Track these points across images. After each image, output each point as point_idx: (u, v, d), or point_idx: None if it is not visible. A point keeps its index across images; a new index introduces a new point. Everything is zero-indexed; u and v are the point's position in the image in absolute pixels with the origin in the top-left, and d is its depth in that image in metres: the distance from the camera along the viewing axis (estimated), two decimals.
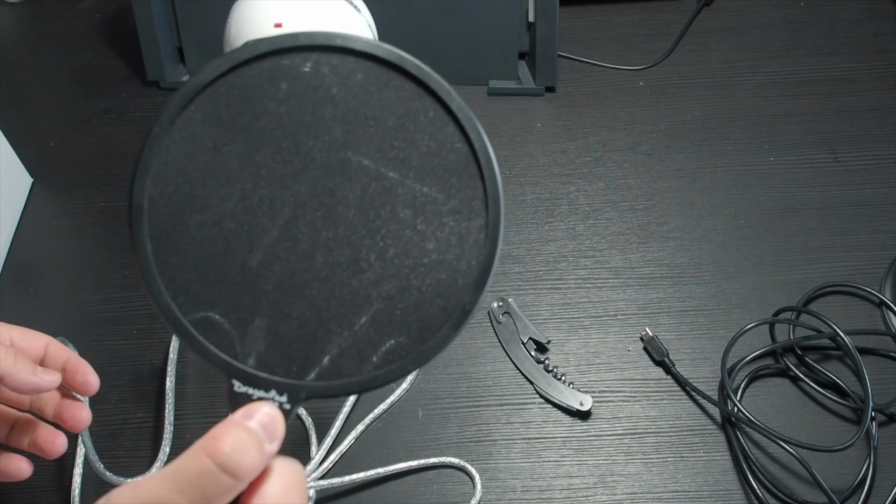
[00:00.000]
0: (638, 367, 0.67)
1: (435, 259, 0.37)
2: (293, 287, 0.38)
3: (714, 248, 0.73)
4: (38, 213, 0.78)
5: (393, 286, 0.37)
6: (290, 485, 0.36)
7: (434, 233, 0.37)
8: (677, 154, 0.79)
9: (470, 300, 0.37)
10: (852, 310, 0.69)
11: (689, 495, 0.61)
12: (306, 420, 0.64)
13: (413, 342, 0.37)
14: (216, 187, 0.37)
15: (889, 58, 0.85)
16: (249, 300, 0.37)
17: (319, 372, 0.38)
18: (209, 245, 0.37)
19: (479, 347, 0.68)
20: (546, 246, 0.74)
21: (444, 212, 0.37)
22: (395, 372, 0.37)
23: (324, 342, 0.38)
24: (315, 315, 0.38)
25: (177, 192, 0.37)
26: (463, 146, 0.37)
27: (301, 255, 0.37)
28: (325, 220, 0.37)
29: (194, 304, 0.37)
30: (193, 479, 0.33)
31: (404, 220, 0.37)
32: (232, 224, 0.37)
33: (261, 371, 0.37)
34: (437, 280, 0.37)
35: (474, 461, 0.62)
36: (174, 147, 0.37)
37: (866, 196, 0.75)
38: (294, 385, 0.37)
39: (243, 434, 0.34)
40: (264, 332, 0.38)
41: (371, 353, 0.37)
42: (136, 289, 0.72)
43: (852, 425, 0.63)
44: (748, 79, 0.84)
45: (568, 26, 0.89)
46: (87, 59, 0.90)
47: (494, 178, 0.37)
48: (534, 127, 0.82)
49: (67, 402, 0.53)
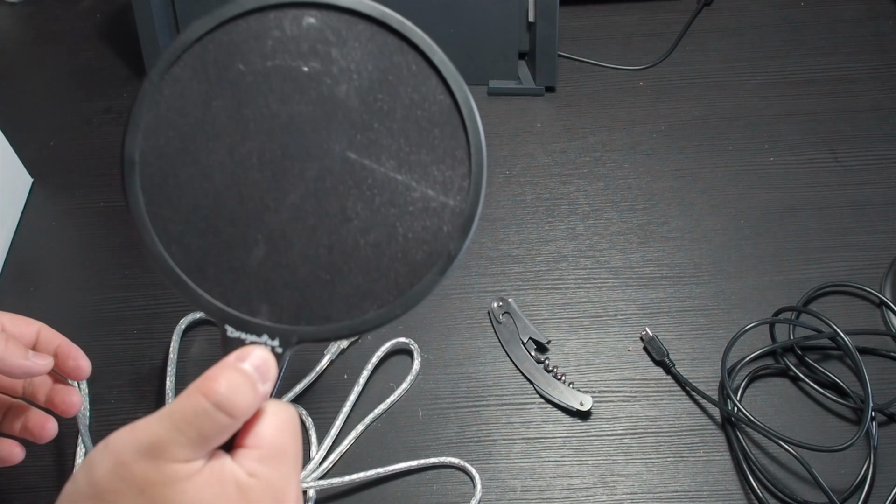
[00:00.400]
0: (638, 367, 0.67)
1: (420, 207, 0.38)
2: (283, 235, 0.39)
3: (714, 248, 0.73)
4: (38, 213, 0.78)
5: (380, 234, 0.38)
6: (283, 425, 0.37)
7: (419, 182, 0.38)
8: (677, 154, 0.79)
9: (455, 246, 0.38)
10: (852, 310, 0.69)
11: (689, 495, 0.61)
12: (306, 420, 0.64)
13: (400, 287, 0.39)
14: (205, 141, 0.38)
15: (889, 58, 0.85)
16: (241, 249, 0.38)
17: (310, 317, 0.39)
18: (200, 196, 0.38)
19: (479, 347, 0.68)
20: (546, 246, 0.74)
21: (428, 161, 0.38)
22: (383, 316, 0.39)
23: (314, 288, 0.39)
24: (305, 262, 0.39)
25: (167, 146, 0.38)
26: (446, 98, 0.38)
27: (290, 206, 0.38)
28: (312, 171, 0.38)
29: (187, 254, 0.38)
30: (190, 418, 0.34)
31: (390, 169, 0.38)
32: (221, 176, 0.38)
33: (252, 316, 0.38)
34: (423, 227, 0.38)
35: (474, 461, 0.62)
36: (164, 102, 0.38)
37: (866, 196, 0.75)
38: (285, 330, 0.38)
39: (237, 375, 0.35)
40: (255, 279, 0.39)
41: (360, 298, 0.39)
42: (137, 289, 0.72)
43: (852, 425, 0.63)
44: (748, 79, 0.84)
45: (568, 26, 0.89)
46: (87, 59, 0.90)
47: (477, 128, 0.39)
48: (534, 127, 0.82)
49: (59, 387, 0.53)
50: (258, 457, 0.36)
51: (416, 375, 0.66)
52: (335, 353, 0.67)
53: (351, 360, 0.67)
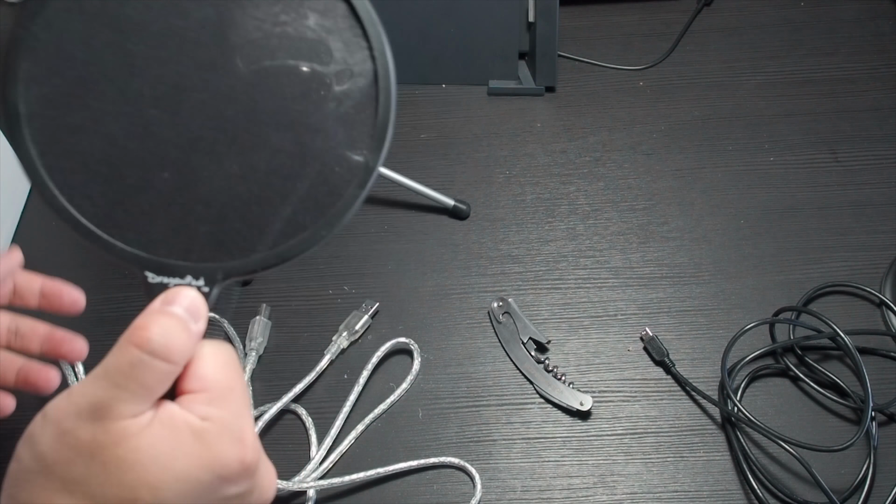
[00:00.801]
0: (638, 367, 0.67)
1: (332, 123, 0.36)
2: (191, 169, 0.37)
3: (714, 248, 0.73)
4: (38, 213, 0.78)
5: (293, 154, 0.37)
6: (225, 363, 0.36)
7: (326, 97, 0.36)
8: (677, 154, 0.79)
9: (373, 157, 0.36)
10: (852, 310, 0.69)
11: (689, 495, 0.61)
12: (306, 420, 0.64)
13: (322, 207, 0.37)
14: (93, 82, 0.36)
15: (889, 58, 0.85)
16: (148, 190, 0.37)
17: (232, 250, 0.37)
18: (96, 141, 0.36)
19: (479, 347, 0.68)
20: (546, 246, 0.74)
21: (332, 74, 0.36)
22: (309, 239, 0.37)
23: (231, 220, 0.37)
24: (218, 195, 0.37)
25: (52, 93, 0.36)
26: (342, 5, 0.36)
27: (193, 137, 0.37)
28: (211, 99, 0.36)
29: (93, 203, 0.37)
30: (128, 372, 0.33)
31: (294, 88, 0.36)
32: (115, 117, 0.36)
33: (171, 258, 0.37)
34: (336, 142, 0.37)
35: (474, 461, 0.62)
36: (41, 47, 0.36)
37: (866, 196, 0.75)
38: (208, 267, 0.37)
39: (167, 319, 0.34)
40: (169, 220, 0.37)
41: (282, 224, 0.37)
42: (137, 289, 0.72)
43: (852, 425, 0.63)
44: (748, 79, 0.84)
45: (568, 26, 0.89)
46: None
47: (378, 33, 0.36)
48: (534, 127, 0.82)
49: (59, 333, 0.52)
50: (206, 399, 0.34)
51: (416, 375, 0.66)
52: (335, 353, 0.67)
53: (351, 360, 0.67)
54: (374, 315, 0.70)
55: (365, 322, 0.69)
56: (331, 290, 0.72)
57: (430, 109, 0.84)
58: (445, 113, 0.84)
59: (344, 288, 0.72)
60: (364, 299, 0.70)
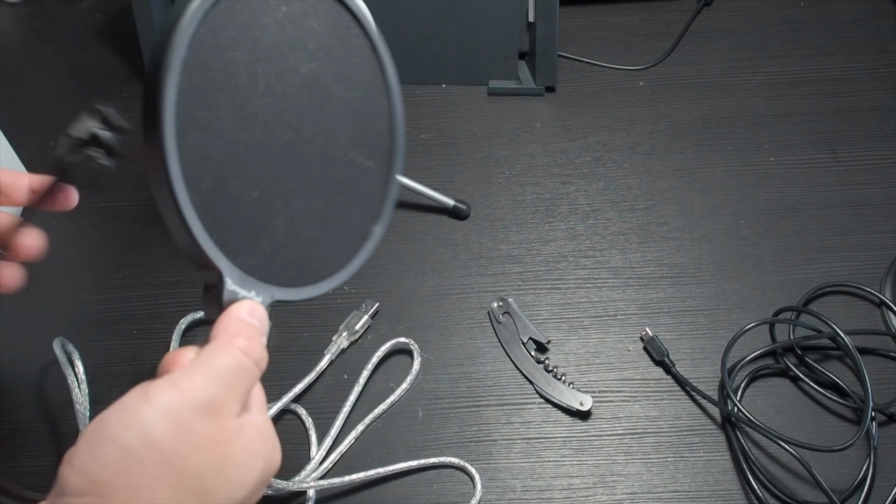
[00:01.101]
0: (638, 367, 0.67)
1: (357, 170, 0.45)
2: (290, 205, 0.41)
3: (714, 248, 0.73)
4: (37, 213, 0.78)
5: (338, 197, 0.44)
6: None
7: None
8: (677, 154, 0.79)
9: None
10: (852, 310, 0.69)
11: (689, 495, 0.61)
12: (306, 420, 0.64)
13: (354, 246, 0.45)
14: (232, 94, 0.38)
15: (889, 58, 0.85)
16: (249, 206, 0.39)
17: (286, 279, 0.41)
18: (226, 141, 0.38)
19: (479, 347, 0.68)
20: (546, 246, 0.74)
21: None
22: (345, 273, 0.45)
23: (297, 250, 0.41)
24: (295, 224, 0.41)
25: (202, 83, 0.37)
26: (359, 32, 0.44)
27: (290, 166, 0.41)
28: (306, 139, 0.42)
29: (203, 200, 0.37)
30: (239, 375, 0.36)
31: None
32: (241, 125, 0.38)
33: (247, 272, 0.39)
34: (363, 190, 0.45)
35: (474, 461, 0.62)
36: (200, 41, 0.37)
37: (866, 196, 0.75)
38: (268, 288, 0.40)
39: (255, 331, 0.38)
40: (269, 243, 0.40)
41: (328, 261, 0.43)
42: (137, 289, 0.72)
43: (852, 425, 0.63)
44: (748, 79, 0.84)
45: (568, 26, 0.89)
46: (87, 59, 0.90)
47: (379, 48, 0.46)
48: (534, 127, 0.82)
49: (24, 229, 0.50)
50: (256, 406, 0.38)
51: (416, 375, 0.66)
52: (335, 353, 0.67)
53: (351, 360, 0.67)
54: (374, 315, 0.70)
55: (365, 322, 0.69)
56: (331, 290, 0.72)
57: (430, 109, 0.84)
58: (445, 113, 0.84)
59: (344, 288, 0.72)
60: (364, 299, 0.70)
